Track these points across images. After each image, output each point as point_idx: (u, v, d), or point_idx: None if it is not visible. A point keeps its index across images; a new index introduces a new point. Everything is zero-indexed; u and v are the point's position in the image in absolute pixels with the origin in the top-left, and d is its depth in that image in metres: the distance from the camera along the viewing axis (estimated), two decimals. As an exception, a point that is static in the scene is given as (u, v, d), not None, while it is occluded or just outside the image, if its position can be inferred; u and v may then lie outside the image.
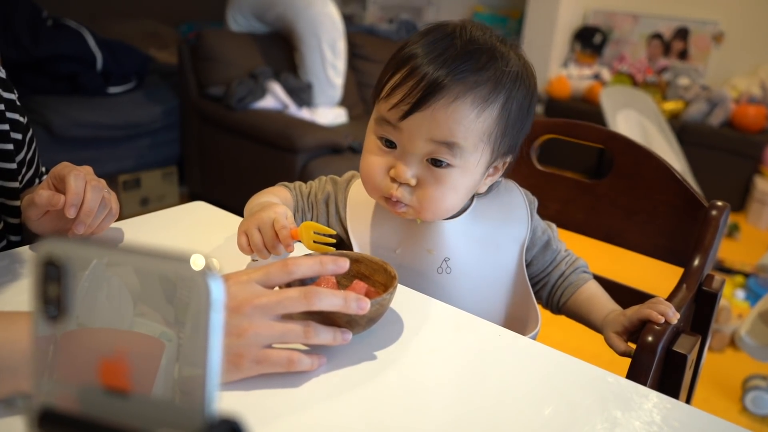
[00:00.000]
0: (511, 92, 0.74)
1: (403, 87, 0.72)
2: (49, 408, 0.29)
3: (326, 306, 0.56)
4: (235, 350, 0.54)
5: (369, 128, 0.79)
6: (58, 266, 0.29)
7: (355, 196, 0.86)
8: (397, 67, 0.74)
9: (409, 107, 0.72)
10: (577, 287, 0.90)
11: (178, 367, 0.32)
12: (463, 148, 0.73)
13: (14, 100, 0.87)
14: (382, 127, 0.75)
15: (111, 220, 0.81)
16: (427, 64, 0.71)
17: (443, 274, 0.81)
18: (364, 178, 0.78)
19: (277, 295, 0.55)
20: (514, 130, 0.77)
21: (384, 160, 0.76)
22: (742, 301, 2.41)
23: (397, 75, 0.73)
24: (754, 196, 3.46)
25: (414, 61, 0.72)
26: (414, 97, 0.71)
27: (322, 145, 2.54)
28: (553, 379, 0.61)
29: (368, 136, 0.78)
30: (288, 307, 0.55)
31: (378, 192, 0.77)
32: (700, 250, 0.90)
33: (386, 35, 3.68)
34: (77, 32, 2.76)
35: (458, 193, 0.76)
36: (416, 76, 0.71)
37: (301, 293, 0.56)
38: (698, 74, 4.08)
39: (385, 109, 0.74)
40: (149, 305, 0.33)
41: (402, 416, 0.54)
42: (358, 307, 0.57)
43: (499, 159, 0.79)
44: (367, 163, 0.77)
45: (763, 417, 1.84)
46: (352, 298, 0.57)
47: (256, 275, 0.57)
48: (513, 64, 0.74)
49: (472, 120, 0.72)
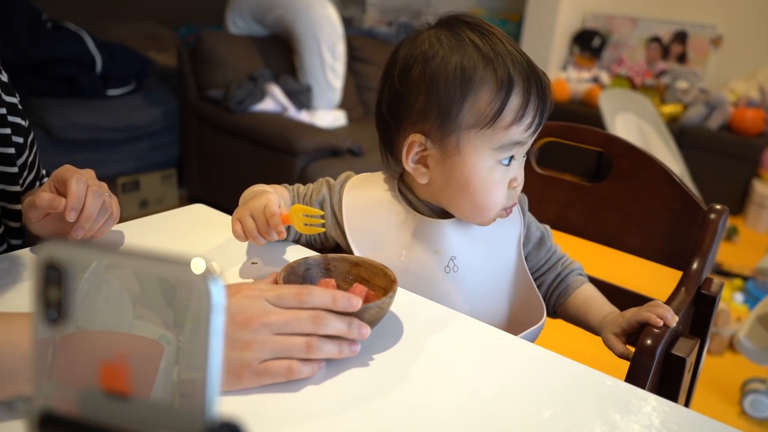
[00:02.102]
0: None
1: (531, 105, 0.73)
2: (49, 411, 0.29)
3: (332, 331, 0.57)
4: (238, 363, 0.54)
5: (480, 157, 0.75)
6: (59, 269, 0.29)
7: (351, 198, 0.85)
8: (509, 91, 0.72)
9: (541, 118, 0.75)
10: (574, 289, 0.90)
11: (177, 370, 0.32)
12: None
13: (16, 103, 0.87)
14: (509, 150, 0.76)
15: (111, 224, 0.81)
16: (521, 69, 0.73)
17: (451, 273, 0.81)
18: (492, 207, 0.78)
19: (286, 314, 0.56)
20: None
21: (505, 178, 0.78)
22: (740, 304, 2.41)
23: (514, 98, 0.73)
24: (753, 199, 3.47)
25: (516, 75, 0.73)
26: (542, 105, 0.74)
27: (321, 148, 2.54)
28: (552, 383, 0.61)
29: (479, 165, 0.75)
30: (296, 327, 0.56)
31: (501, 207, 0.80)
32: (699, 253, 0.90)
33: (385, 38, 3.68)
34: (76, 35, 2.76)
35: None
36: (532, 85, 0.73)
37: (311, 316, 0.56)
38: (697, 78, 4.08)
39: (518, 133, 0.74)
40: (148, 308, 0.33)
41: (401, 419, 0.54)
42: (360, 333, 0.58)
43: None
44: (496, 192, 0.77)
45: (761, 420, 1.84)
46: (356, 324, 0.58)
47: (269, 294, 0.57)
48: None
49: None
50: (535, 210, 0.91)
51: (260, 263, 0.80)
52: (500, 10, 4.81)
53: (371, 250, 0.82)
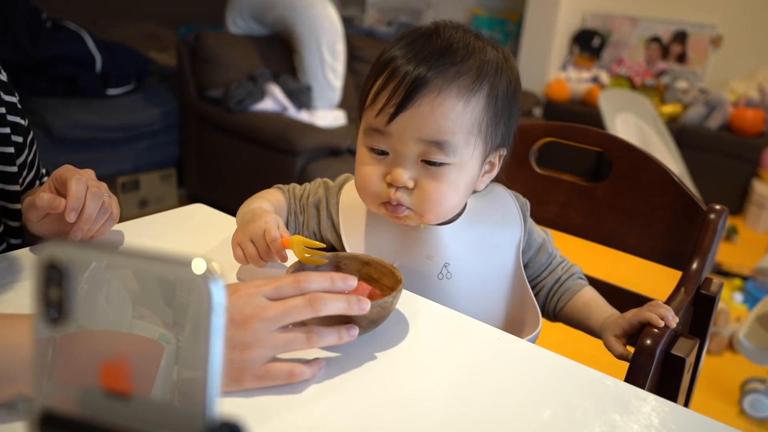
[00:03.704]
0: (494, 80, 0.74)
1: (386, 90, 0.72)
2: (49, 411, 0.29)
3: (331, 310, 0.56)
4: (239, 365, 0.54)
5: (359, 141, 0.78)
6: (59, 269, 0.29)
7: (348, 200, 0.85)
8: (378, 73, 0.74)
9: (394, 108, 0.71)
10: (575, 292, 0.90)
11: (177, 370, 0.32)
12: (454, 144, 0.72)
13: (15, 103, 0.87)
14: (371, 137, 0.75)
15: (111, 225, 0.81)
16: (407, 63, 0.72)
17: (444, 280, 0.81)
18: (361, 188, 0.78)
19: (283, 305, 0.55)
20: (503, 119, 0.77)
21: (378, 168, 0.75)
22: (740, 304, 2.41)
23: (379, 80, 0.73)
24: (753, 199, 3.47)
25: (394, 63, 0.72)
26: (398, 97, 0.71)
27: (321, 148, 2.54)
28: (552, 383, 0.61)
29: (359, 148, 0.78)
30: (294, 316, 0.55)
31: (377, 199, 0.76)
32: (699, 253, 0.90)
33: (385, 38, 3.68)
34: (76, 34, 2.76)
35: (458, 190, 0.76)
36: (398, 76, 0.71)
37: (306, 300, 0.56)
38: (696, 77, 4.09)
39: (372, 116, 0.74)
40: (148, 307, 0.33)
41: (401, 419, 0.54)
42: (360, 308, 0.57)
43: (493, 152, 0.79)
44: (362, 173, 0.77)
45: (761, 420, 1.84)
46: (354, 299, 0.57)
47: (266, 289, 0.56)
48: (491, 55, 0.75)
49: (459, 112, 0.72)
50: (534, 210, 0.91)
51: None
52: (500, 9, 4.81)
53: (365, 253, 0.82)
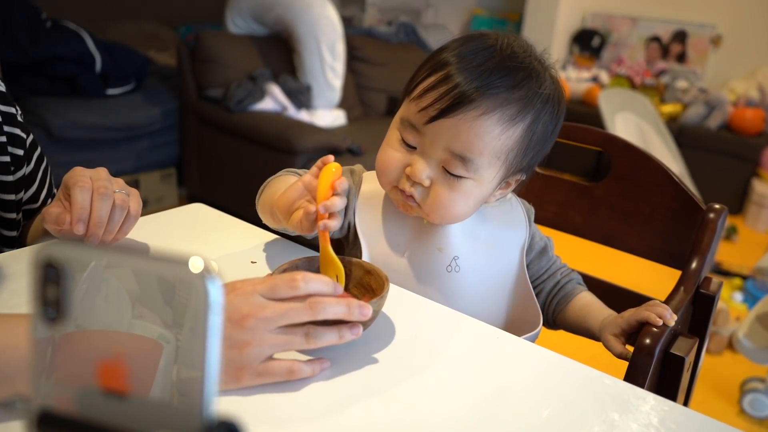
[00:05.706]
0: (539, 114, 0.74)
1: (434, 92, 0.72)
2: (47, 410, 0.29)
3: (331, 315, 0.56)
4: (237, 364, 0.54)
5: (393, 123, 0.78)
6: (57, 268, 0.29)
7: (367, 189, 0.86)
8: (432, 70, 0.74)
9: (436, 113, 0.71)
10: (573, 296, 0.91)
11: (177, 369, 0.32)
12: (477, 164, 0.73)
13: (14, 114, 0.86)
14: (405, 128, 0.75)
15: (132, 222, 0.76)
16: (462, 72, 0.71)
17: (452, 273, 0.82)
18: (380, 168, 0.78)
19: (282, 307, 0.55)
20: (533, 152, 0.77)
21: (402, 156, 0.76)
22: (739, 303, 2.41)
23: (431, 78, 0.73)
24: (752, 198, 3.47)
25: (449, 68, 0.72)
26: (443, 104, 0.71)
27: (320, 147, 2.54)
28: (551, 381, 0.61)
29: (391, 130, 0.78)
30: (293, 318, 0.55)
31: (391, 183, 0.78)
32: (698, 252, 0.90)
33: (385, 37, 3.67)
34: (76, 34, 2.76)
35: (468, 201, 0.76)
36: (449, 83, 0.71)
37: (306, 304, 0.55)
38: (696, 77, 4.08)
39: (414, 111, 0.74)
40: (147, 307, 0.33)
41: (401, 418, 0.54)
42: (361, 314, 0.57)
43: (512, 176, 0.80)
44: (385, 155, 0.77)
45: (760, 419, 1.84)
46: (354, 304, 0.57)
47: (262, 288, 0.56)
48: (547, 87, 0.74)
49: (495, 137, 0.72)
50: (534, 209, 0.91)
51: (259, 263, 0.81)
52: (500, 9, 4.81)
53: (376, 243, 0.83)
